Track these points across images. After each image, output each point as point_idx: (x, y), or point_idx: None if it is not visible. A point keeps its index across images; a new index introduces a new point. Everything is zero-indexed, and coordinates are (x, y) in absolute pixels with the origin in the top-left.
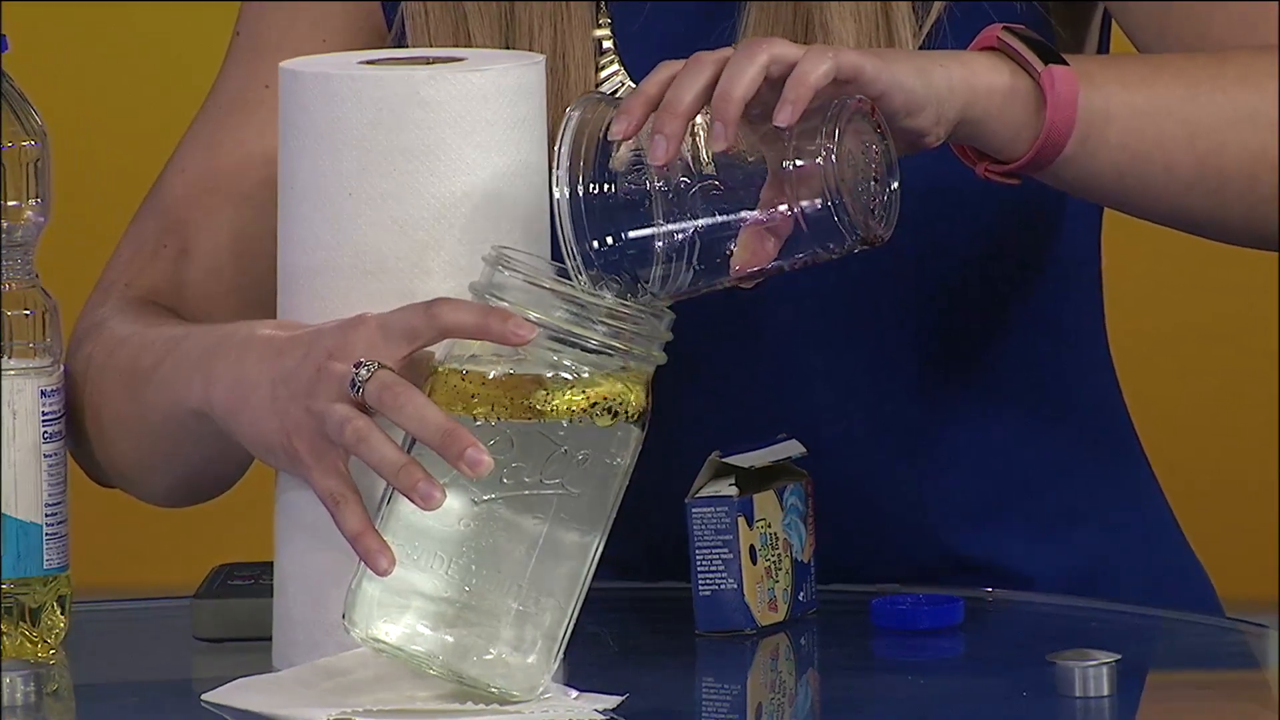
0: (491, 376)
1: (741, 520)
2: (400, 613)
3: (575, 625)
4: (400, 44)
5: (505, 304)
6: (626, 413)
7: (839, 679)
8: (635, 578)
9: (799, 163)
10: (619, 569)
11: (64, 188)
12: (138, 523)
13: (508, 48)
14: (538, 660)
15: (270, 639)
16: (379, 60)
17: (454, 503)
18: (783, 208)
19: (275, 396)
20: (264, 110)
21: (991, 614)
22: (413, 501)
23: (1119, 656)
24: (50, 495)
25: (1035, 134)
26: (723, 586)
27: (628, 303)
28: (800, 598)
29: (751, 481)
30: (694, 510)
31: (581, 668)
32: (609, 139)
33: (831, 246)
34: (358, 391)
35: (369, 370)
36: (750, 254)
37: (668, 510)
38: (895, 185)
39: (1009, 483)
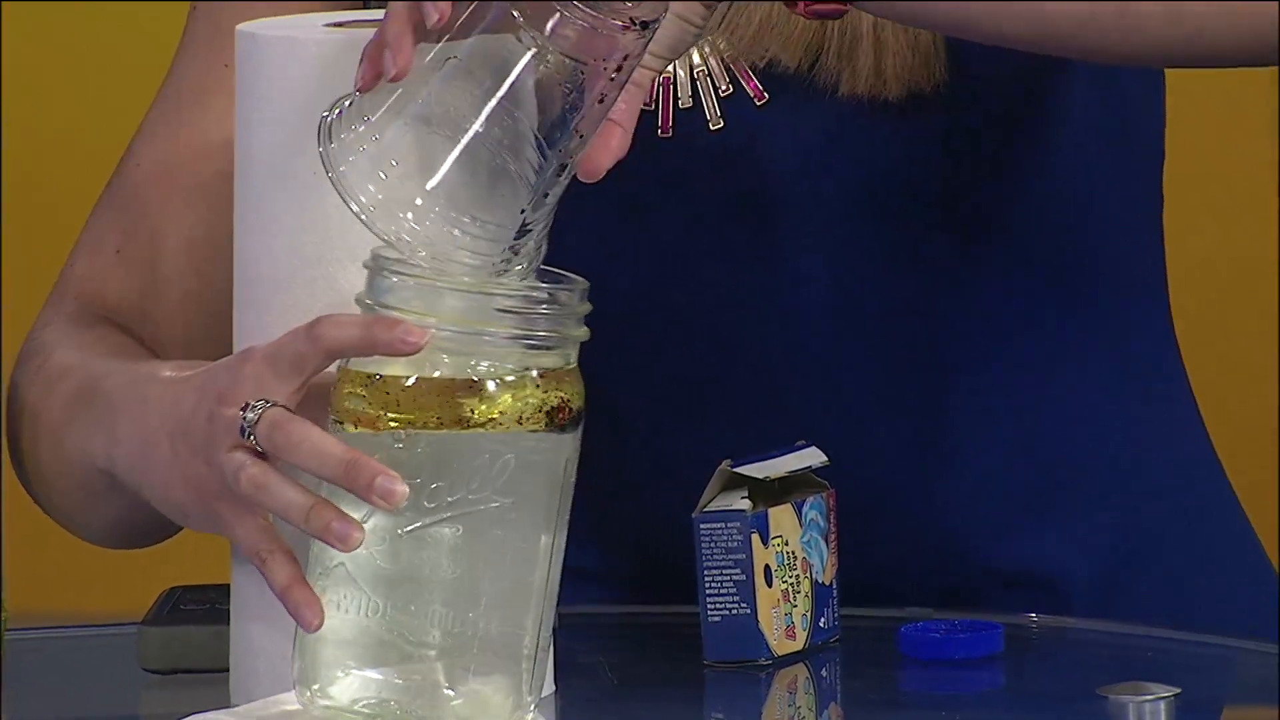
0: (411, 383)
1: (755, 537)
2: (346, 665)
3: (555, 642)
4: None
5: (396, 311)
6: (556, 411)
7: (864, 715)
8: (639, 600)
9: None
10: (621, 590)
11: (23, 180)
12: (79, 542)
13: None
14: (512, 689)
15: (226, 670)
16: (349, 23)
17: (376, 538)
18: (532, 51)
19: (176, 454)
20: (224, 95)
21: (1035, 641)
22: (330, 545)
23: (1178, 690)
24: None
25: None
26: (734, 611)
27: (530, 283)
28: (821, 624)
29: (767, 494)
30: (702, 526)
31: (577, 701)
32: (357, 91)
33: (602, 44)
34: (249, 436)
35: (256, 411)
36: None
37: (673, 526)
38: None
39: (1045, 476)
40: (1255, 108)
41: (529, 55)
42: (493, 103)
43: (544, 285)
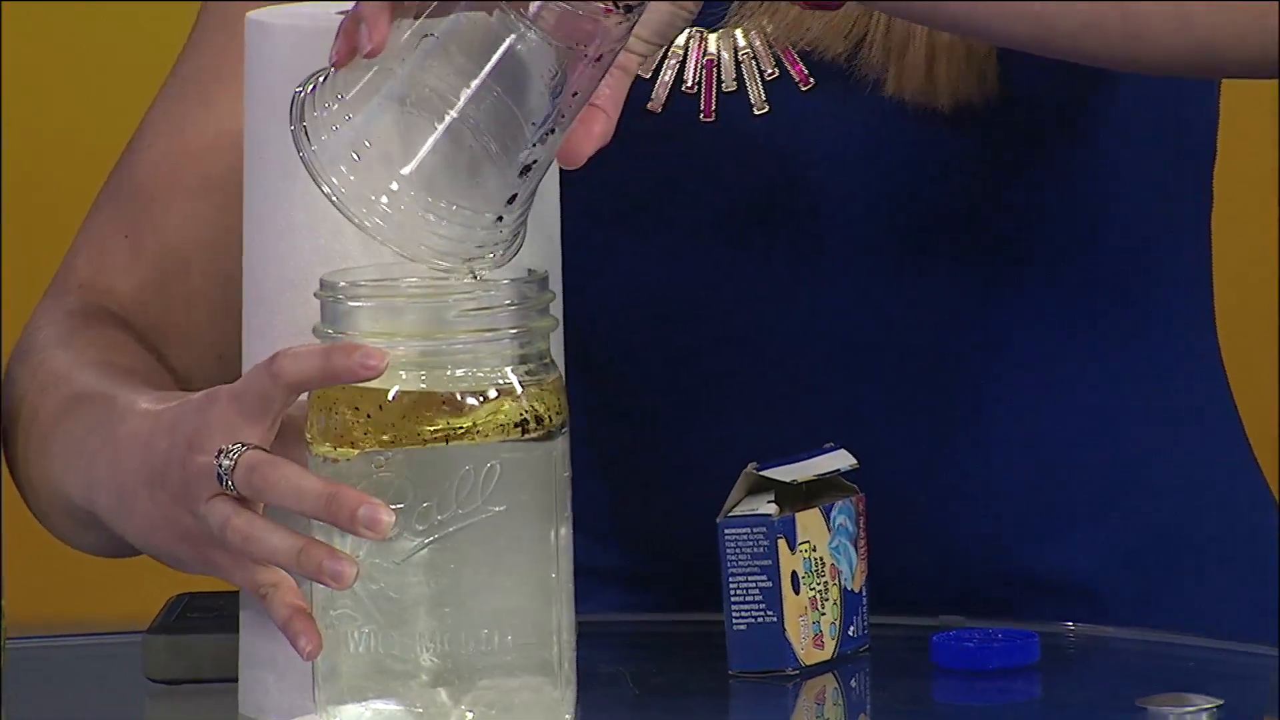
0: (391, 399)
1: (782, 543)
2: (364, 696)
3: (578, 641)
4: None
5: (355, 336)
6: (535, 421)
7: None
8: (661, 603)
9: None
10: (643, 593)
11: (23, 180)
12: None
13: None
14: (544, 700)
15: (235, 680)
16: None
17: (377, 568)
18: (513, 33)
19: (156, 503)
20: (235, 86)
21: (1072, 651)
22: (325, 585)
23: (1221, 702)
24: None
25: None
26: (760, 620)
27: (489, 280)
28: (850, 633)
29: (794, 498)
30: (727, 531)
31: (597, 713)
32: (332, 66)
33: (584, 27)
34: (227, 484)
35: (231, 457)
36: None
37: (696, 529)
38: None
39: (1073, 481)
40: (1257, 115)
41: (510, 37)
42: (473, 85)
43: (503, 280)
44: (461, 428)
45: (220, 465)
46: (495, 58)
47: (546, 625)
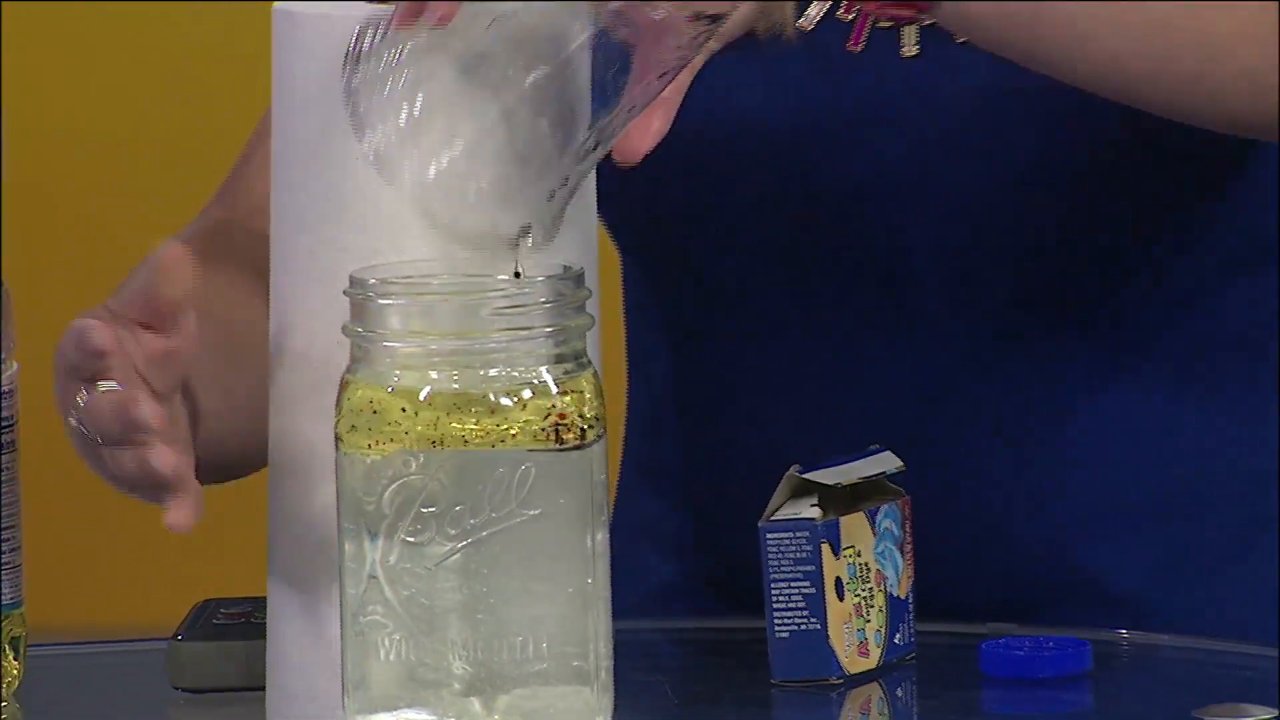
0: (422, 398)
1: (826, 548)
2: (396, 705)
3: (615, 648)
4: None
5: (387, 335)
6: (570, 420)
7: None
8: (706, 615)
9: None
10: (686, 603)
11: (23, 180)
12: (106, 550)
13: None
14: (579, 710)
15: (263, 689)
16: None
17: (409, 575)
18: (588, 30)
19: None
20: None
21: (1126, 659)
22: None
23: (1278, 711)
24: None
25: None
26: (803, 627)
27: (525, 277)
28: (896, 640)
29: (838, 501)
30: (769, 536)
31: None
32: (393, 27)
33: (664, 32)
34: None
35: (74, 419)
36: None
37: (740, 535)
38: None
39: (1127, 488)
40: None
41: (583, 35)
42: (536, 73)
43: (538, 277)
44: (495, 429)
45: (71, 424)
46: (560, 49)
47: (583, 632)
